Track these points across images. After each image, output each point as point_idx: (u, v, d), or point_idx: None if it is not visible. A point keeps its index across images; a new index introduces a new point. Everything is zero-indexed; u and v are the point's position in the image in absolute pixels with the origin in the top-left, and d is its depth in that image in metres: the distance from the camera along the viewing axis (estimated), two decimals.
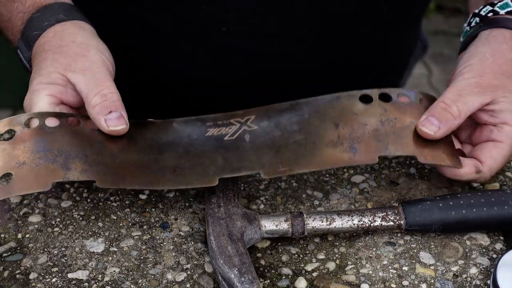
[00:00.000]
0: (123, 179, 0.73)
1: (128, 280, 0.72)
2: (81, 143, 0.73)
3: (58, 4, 0.83)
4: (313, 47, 1.00)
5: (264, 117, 0.76)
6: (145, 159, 0.74)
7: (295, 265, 0.74)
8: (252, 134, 0.75)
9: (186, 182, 0.73)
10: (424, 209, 0.75)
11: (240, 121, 0.76)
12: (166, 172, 0.74)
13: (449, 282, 0.72)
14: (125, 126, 0.75)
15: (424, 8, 1.12)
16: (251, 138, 0.75)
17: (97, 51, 0.79)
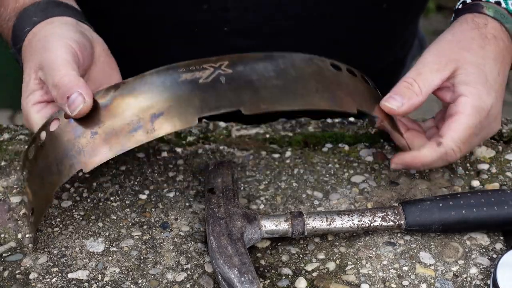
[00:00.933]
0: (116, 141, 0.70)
1: (128, 280, 0.72)
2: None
3: (35, 4, 0.82)
4: (312, 44, 1.00)
5: (238, 63, 0.74)
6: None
7: (295, 265, 0.74)
8: (228, 77, 0.72)
9: (165, 128, 0.69)
10: (424, 209, 0.75)
11: (214, 66, 0.73)
12: (145, 123, 0.70)
13: (449, 282, 0.72)
14: (82, 105, 0.71)
15: (423, 6, 1.12)
16: (227, 80, 0.72)
17: (59, 38, 0.76)
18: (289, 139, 0.90)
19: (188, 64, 0.73)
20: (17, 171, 0.85)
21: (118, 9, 1.00)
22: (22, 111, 0.77)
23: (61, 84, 0.72)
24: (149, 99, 0.70)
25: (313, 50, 1.00)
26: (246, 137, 0.90)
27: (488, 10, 0.81)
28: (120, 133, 0.69)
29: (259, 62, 0.74)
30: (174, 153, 0.88)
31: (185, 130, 0.91)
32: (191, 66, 0.73)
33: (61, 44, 0.75)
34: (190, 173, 0.85)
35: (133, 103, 0.70)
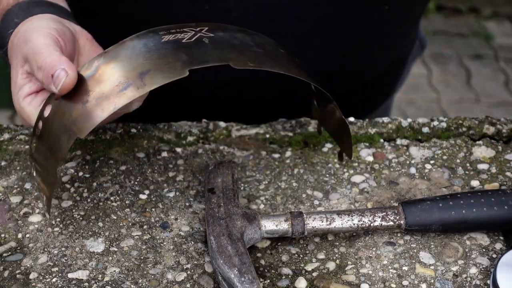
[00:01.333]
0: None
1: (128, 280, 0.72)
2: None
3: (17, 5, 0.82)
4: (312, 45, 1.00)
5: (218, 30, 0.74)
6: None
7: (295, 265, 0.74)
8: (211, 39, 0.72)
9: (156, 81, 0.68)
10: (424, 209, 0.75)
11: (194, 29, 0.73)
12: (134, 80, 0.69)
13: (449, 282, 0.72)
14: (65, 79, 0.71)
15: (423, 7, 1.12)
16: (211, 41, 0.72)
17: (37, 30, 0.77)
18: (289, 139, 0.90)
19: (168, 27, 0.73)
20: (17, 171, 0.85)
21: (117, 9, 1.00)
22: (16, 109, 0.78)
23: (45, 65, 0.73)
24: (134, 61, 0.70)
25: (313, 51, 1.01)
26: (246, 137, 0.91)
27: None
28: (110, 95, 0.68)
29: (237, 32, 0.75)
30: (174, 153, 0.88)
31: (185, 130, 0.91)
32: (172, 29, 0.72)
33: (41, 33, 0.76)
34: (190, 173, 0.85)
35: (118, 67, 0.69)
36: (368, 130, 0.91)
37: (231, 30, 0.75)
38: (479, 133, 0.90)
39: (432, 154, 0.87)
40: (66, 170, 0.85)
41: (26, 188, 0.83)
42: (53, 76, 0.71)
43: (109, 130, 0.91)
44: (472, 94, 3.00)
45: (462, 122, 0.91)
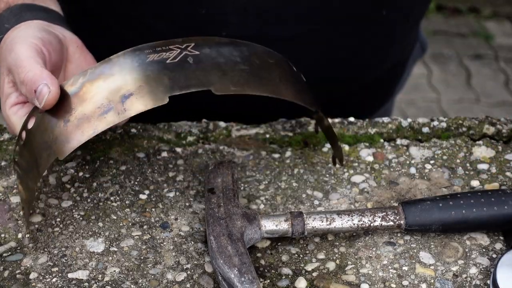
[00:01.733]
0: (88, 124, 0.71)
1: (128, 280, 0.72)
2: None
3: (9, 10, 0.82)
4: (313, 48, 1.01)
5: (205, 45, 0.74)
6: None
7: (295, 265, 0.74)
8: (195, 58, 0.72)
9: (137, 107, 0.69)
10: (424, 209, 0.75)
11: (180, 47, 0.73)
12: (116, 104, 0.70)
13: (449, 282, 0.72)
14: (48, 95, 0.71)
15: (423, 11, 1.12)
16: (195, 60, 0.72)
17: (21, 39, 0.77)
18: (289, 139, 0.90)
19: (155, 45, 0.73)
20: None
21: (115, 12, 1.00)
22: (3, 116, 0.78)
23: (27, 80, 0.73)
24: (118, 81, 0.70)
25: (312, 54, 1.01)
26: (246, 137, 0.91)
27: None
28: (91, 117, 0.69)
29: (224, 46, 0.75)
30: (174, 153, 0.88)
31: (185, 130, 0.91)
32: (157, 47, 0.73)
33: (23, 43, 0.76)
34: (190, 173, 0.85)
35: (102, 87, 0.70)
36: (368, 130, 0.91)
37: (218, 44, 0.75)
38: (479, 133, 0.90)
39: (432, 154, 0.87)
40: (66, 170, 0.85)
41: None
42: (36, 91, 0.72)
43: (109, 130, 0.91)
44: (472, 94, 3.00)
45: (462, 122, 0.91)
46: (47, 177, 0.84)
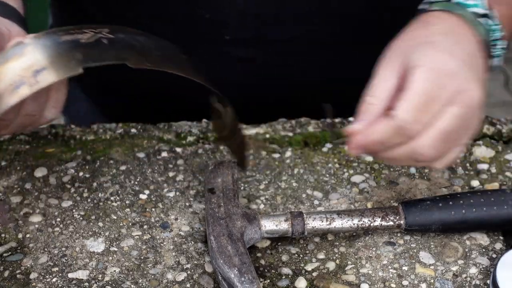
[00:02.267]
0: None
1: (128, 280, 0.72)
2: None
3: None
4: (311, 50, 1.00)
5: (119, 32, 0.75)
6: None
7: (295, 265, 0.74)
8: (110, 40, 0.73)
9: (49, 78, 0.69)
10: (424, 209, 0.75)
11: (94, 31, 0.73)
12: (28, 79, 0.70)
13: (448, 282, 0.72)
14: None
15: None
16: (110, 42, 0.72)
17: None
18: (289, 139, 0.90)
19: (68, 28, 0.73)
20: (18, 171, 0.85)
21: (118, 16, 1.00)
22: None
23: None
24: (30, 59, 0.70)
25: (311, 57, 1.01)
26: (246, 137, 0.90)
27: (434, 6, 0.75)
28: (4, 94, 0.69)
29: (139, 35, 0.76)
30: (174, 153, 0.88)
31: (185, 130, 0.91)
32: (71, 30, 0.73)
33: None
34: (190, 173, 0.85)
35: (14, 66, 0.70)
36: None
37: (133, 33, 0.76)
38: (479, 133, 0.90)
39: None
40: (66, 170, 0.85)
41: (26, 188, 0.83)
42: None
43: (109, 130, 0.91)
44: None
45: None
46: (47, 177, 0.84)
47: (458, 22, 0.73)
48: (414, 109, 0.66)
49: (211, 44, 0.98)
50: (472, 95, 0.67)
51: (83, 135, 0.90)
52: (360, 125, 0.68)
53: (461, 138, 0.69)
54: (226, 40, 0.96)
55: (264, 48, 0.98)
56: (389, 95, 0.68)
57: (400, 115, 0.65)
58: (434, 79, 0.66)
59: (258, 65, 1.00)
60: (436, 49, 0.69)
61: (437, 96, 0.66)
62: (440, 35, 0.71)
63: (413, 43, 0.71)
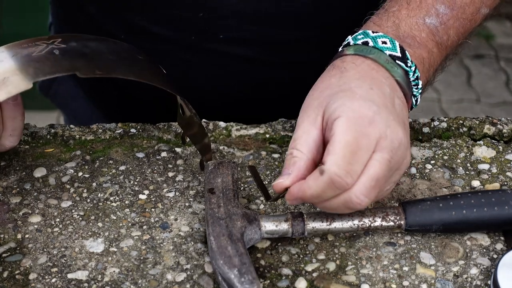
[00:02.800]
0: None
1: (128, 281, 0.72)
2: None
3: None
4: (309, 52, 1.00)
5: (71, 40, 0.75)
6: None
7: (295, 265, 0.74)
8: (62, 50, 0.74)
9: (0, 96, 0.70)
10: (425, 209, 0.75)
11: (46, 42, 0.74)
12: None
13: (449, 282, 0.72)
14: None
15: None
16: (61, 52, 0.73)
17: None
18: (289, 139, 0.90)
19: (20, 43, 0.74)
20: (17, 171, 0.85)
21: (114, 16, 1.00)
22: None
23: None
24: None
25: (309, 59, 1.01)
26: (246, 137, 0.90)
27: (348, 50, 0.76)
28: None
29: (92, 41, 0.76)
30: (174, 153, 0.88)
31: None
32: (23, 44, 0.74)
33: None
34: (190, 173, 0.85)
35: None
36: None
37: (85, 40, 0.76)
38: (479, 133, 0.90)
39: (432, 154, 0.87)
40: (65, 170, 0.85)
41: (26, 188, 0.83)
42: None
43: (109, 130, 0.91)
44: (472, 94, 3.00)
45: (462, 122, 0.91)
46: (46, 177, 0.84)
47: (372, 65, 0.75)
48: (342, 161, 0.67)
49: (206, 43, 0.98)
50: (394, 138, 0.69)
51: (82, 135, 0.90)
52: (287, 179, 0.70)
53: (392, 179, 0.72)
54: (221, 39, 0.96)
55: (260, 48, 0.98)
56: (313, 146, 0.71)
57: (330, 169, 0.67)
58: (356, 128, 0.68)
59: (254, 64, 1.00)
60: (353, 97, 0.70)
61: (361, 145, 0.68)
62: (354, 80, 0.73)
63: (329, 92, 0.72)
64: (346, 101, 0.70)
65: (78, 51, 0.73)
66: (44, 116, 2.26)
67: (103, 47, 0.76)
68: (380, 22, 0.79)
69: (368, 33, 0.77)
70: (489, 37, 3.34)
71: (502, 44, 3.30)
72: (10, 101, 0.80)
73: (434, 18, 0.80)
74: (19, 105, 0.81)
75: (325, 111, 0.71)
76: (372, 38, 0.76)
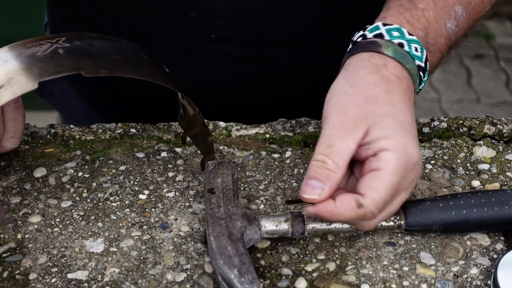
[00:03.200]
0: None
1: (128, 281, 0.72)
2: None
3: None
4: (303, 54, 1.00)
5: (76, 39, 0.75)
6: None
7: (295, 266, 0.74)
8: (66, 49, 0.73)
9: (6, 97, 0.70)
10: (425, 209, 0.75)
11: (51, 41, 0.74)
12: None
13: (449, 282, 0.72)
14: None
15: None
16: (65, 51, 0.73)
17: None
18: (289, 139, 0.90)
19: (24, 42, 0.74)
20: (17, 171, 0.85)
21: (105, 16, 1.00)
22: None
23: None
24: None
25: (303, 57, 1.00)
26: (246, 137, 0.90)
27: (387, 49, 0.73)
28: None
29: (96, 40, 0.76)
30: (174, 153, 0.88)
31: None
32: (28, 44, 0.73)
33: None
34: (190, 173, 0.85)
35: None
36: None
37: (90, 38, 0.76)
38: (479, 133, 0.90)
39: (432, 154, 0.87)
40: (65, 170, 0.85)
41: (26, 188, 0.83)
42: None
43: (109, 130, 0.91)
44: (472, 94, 3.00)
45: (462, 122, 0.91)
46: (46, 177, 0.84)
47: (409, 81, 0.74)
48: (382, 203, 0.69)
49: (199, 43, 0.98)
50: (419, 175, 0.72)
51: (82, 135, 0.90)
52: (321, 195, 0.69)
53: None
54: (213, 38, 0.96)
55: (253, 48, 0.98)
56: (347, 161, 0.69)
57: (369, 207, 0.68)
58: (402, 171, 0.69)
59: (248, 64, 1.00)
60: (402, 130, 0.70)
61: (401, 188, 0.70)
62: (400, 103, 0.72)
63: (376, 110, 0.71)
64: (397, 135, 0.70)
65: (83, 50, 0.73)
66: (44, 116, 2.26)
67: (107, 46, 0.76)
68: (413, 21, 0.76)
69: (404, 33, 0.75)
70: (489, 37, 3.34)
71: (502, 44, 3.30)
72: (11, 103, 0.80)
73: (453, 21, 0.79)
74: (20, 107, 0.81)
75: (370, 130, 0.69)
76: (408, 41, 0.74)
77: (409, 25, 0.76)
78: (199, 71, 1.00)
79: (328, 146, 0.69)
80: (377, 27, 0.76)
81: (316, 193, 0.68)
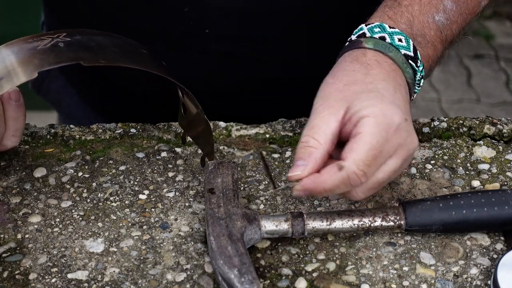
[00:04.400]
0: None
1: (128, 281, 0.72)
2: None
3: None
4: (303, 54, 1.00)
5: (76, 34, 0.76)
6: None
7: (295, 266, 0.74)
8: (66, 43, 0.74)
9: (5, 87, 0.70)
10: (425, 209, 0.75)
11: (52, 36, 0.75)
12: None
13: (449, 282, 0.72)
14: None
15: None
16: (66, 44, 0.74)
17: None
18: (289, 139, 0.90)
19: (26, 38, 0.74)
20: (17, 171, 0.85)
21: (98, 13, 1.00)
22: None
23: None
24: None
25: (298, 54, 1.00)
26: (246, 137, 0.90)
27: (367, 43, 0.76)
28: None
29: (97, 36, 0.76)
30: (174, 153, 0.88)
31: None
32: (29, 39, 0.74)
33: None
34: (190, 173, 0.85)
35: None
36: None
37: (90, 34, 0.76)
38: (479, 133, 0.90)
39: (432, 154, 0.87)
40: (65, 170, 0.85)
41: (26, 188, 0.83)
42: None
43: (109, 130, 0.91)
44: (472, 94, 3.00)
45: (462, 122, 0.91)
46: (46, 177, 0.84)
47: (393, 66, 0.76)
48: (363, 162, 0.69)
49: (193, 39, 0.97)
50: (410, 147, 0.72)
51: (82, 135, 0.90)
52: (304, 171, 0.70)
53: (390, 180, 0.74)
54: (207, 34, 0.96)
55: (253, 48, 0.98)
56: (330, 138, 0.71)
57: (351, 167, 0.69)
58: (382, 133, 0.69)
59: (248, 64, 1.00)
60: (382, 100, 0.71)
61: (383, 150, 0.70)
62: (381, 81, 0.73)
63: (356, 88, 0.73)
64: (376, 103, 0.71)
65: (83, 44, 0.74)
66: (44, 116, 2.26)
67: (107, 40, 0.76)
68: (395, 17, 0.79)
69: (385, 27, 0.77)
70: (489, 37, 3.34)
71: (502, 44, 3.30)
72: (13, 102, 0.80)
73: (442, 14, 0.80)
74: (21, 105, 0.81)
75: (351, 106, 0.71)
76: (389, 34, 0.77)
77: (391, 20, 0.78)
78: (199, 71, 1.00)
79: (311, 128, 0.72)
80: (361, 28, 0.79)
81: (299, 169, 0.70)
